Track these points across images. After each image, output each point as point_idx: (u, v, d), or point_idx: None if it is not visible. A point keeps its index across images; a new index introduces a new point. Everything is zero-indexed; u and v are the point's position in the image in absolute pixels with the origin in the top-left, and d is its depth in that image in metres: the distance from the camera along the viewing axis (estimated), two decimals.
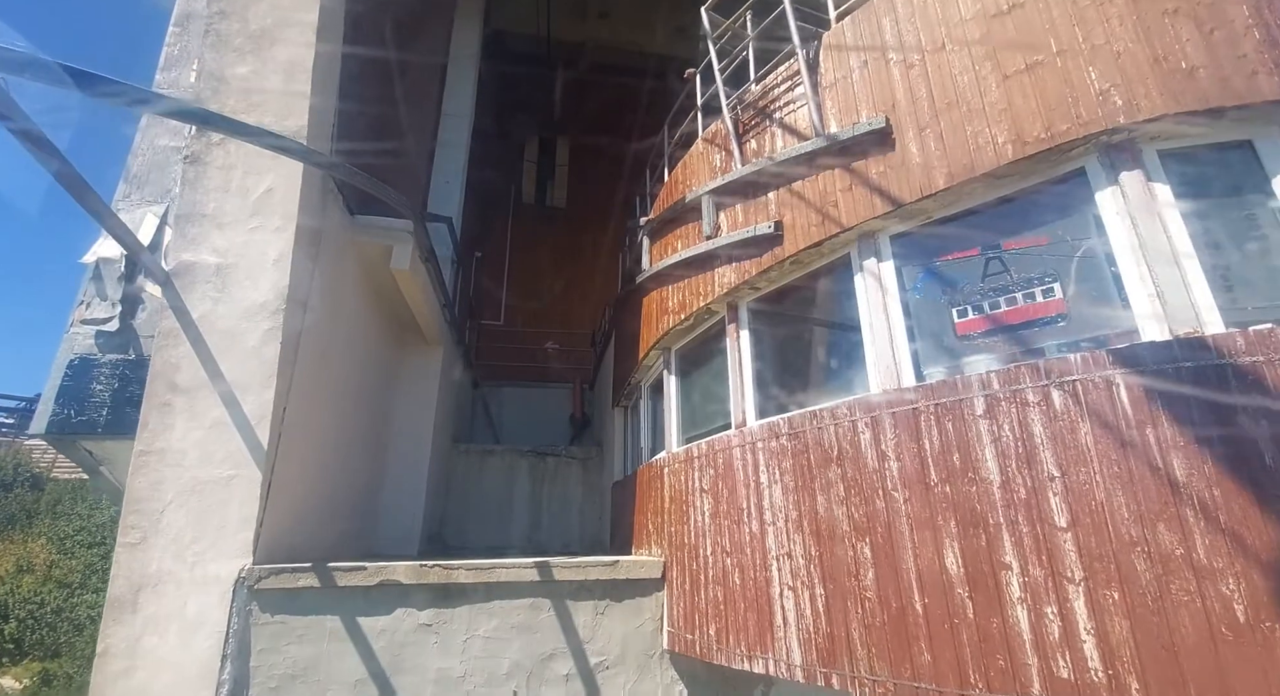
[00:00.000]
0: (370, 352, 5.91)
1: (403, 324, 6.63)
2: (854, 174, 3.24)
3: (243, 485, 3.78)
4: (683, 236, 4.74)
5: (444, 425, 7.56)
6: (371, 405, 6.06)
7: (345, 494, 5.35)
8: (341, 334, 5.03)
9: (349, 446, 5.40)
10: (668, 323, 4.80)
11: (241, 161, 4.16)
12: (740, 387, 3.89)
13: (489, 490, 8.04)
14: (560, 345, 12.18)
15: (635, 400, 6.62)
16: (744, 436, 3.58)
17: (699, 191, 4.35)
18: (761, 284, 3.87)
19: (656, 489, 4.66)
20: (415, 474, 6.71)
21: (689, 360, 4.87)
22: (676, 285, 4.72)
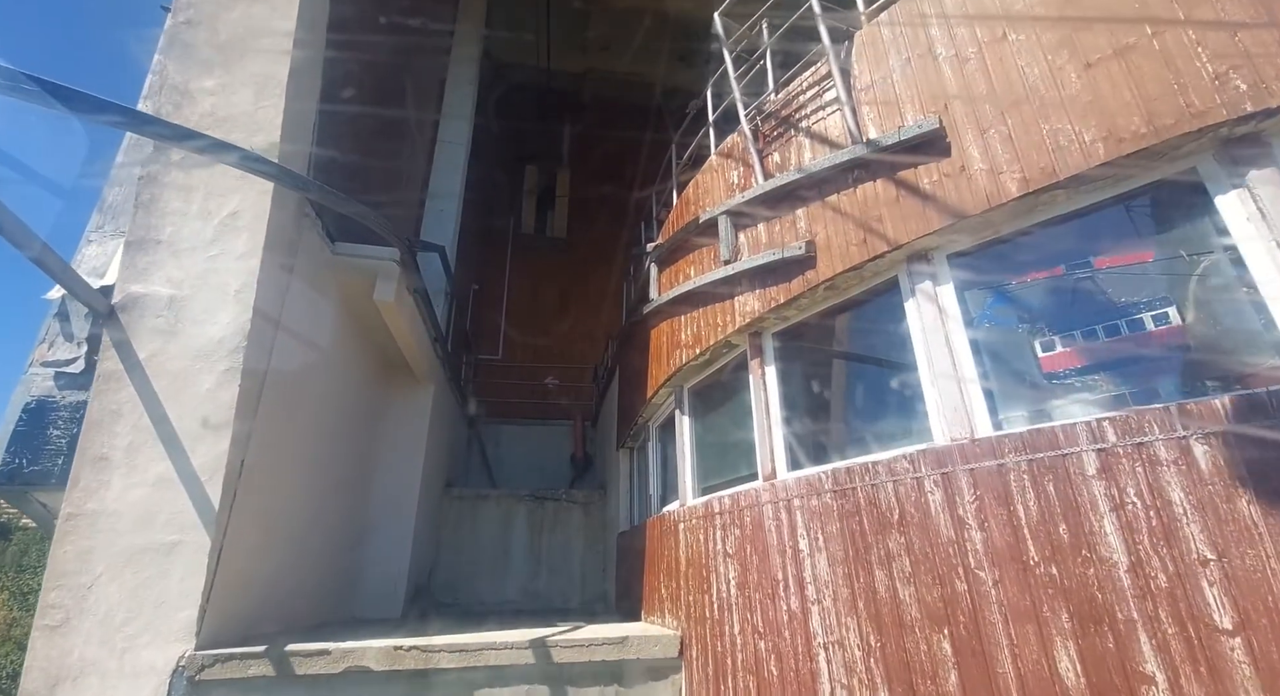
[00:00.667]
0: (352, 393, 5.40)
1: (389, 361, 6.14)
2: (901, 184, 2.78)
3: (188, 553, 3.23)
4: (696, 262, 4.28)
5: (434, 469, 6.99)
6: (353, 450, 5.52)
7: (318, 552, 4.77)
8: (317, 373, 4.53)
9: (324, 498, 4.84)
10: (680, 358, 4.30)
11: (204, 183, 3.73)
12: (767, 433, 3.36)
13: (483, 538, 7.41)
14: (560, 380, 11.67)
15: (643, 441, 6.07)
16: (776, 491, 3.04)
17: (714, 211, 3.91)
18: (790, 313, 3.39)
19: (670, 547, 4.08)
20: (401, 524, 6.11)
21: (705, 399, 4.36)
22: (690, 316, 4.24)
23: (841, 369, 3.30)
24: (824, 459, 3.09)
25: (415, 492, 6.25)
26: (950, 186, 2.60)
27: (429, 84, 8.71)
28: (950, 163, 2.64)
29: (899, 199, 2.78)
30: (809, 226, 3.20)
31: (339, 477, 5.19)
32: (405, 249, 4.77)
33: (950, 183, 2.61)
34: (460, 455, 8.90)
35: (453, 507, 7.47)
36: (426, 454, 6.49)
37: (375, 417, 6.08)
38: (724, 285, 3.81)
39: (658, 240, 5.10)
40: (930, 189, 2.67)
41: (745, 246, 3.68)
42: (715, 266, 3.95)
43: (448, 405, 7.62)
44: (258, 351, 3.62)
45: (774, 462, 3.29)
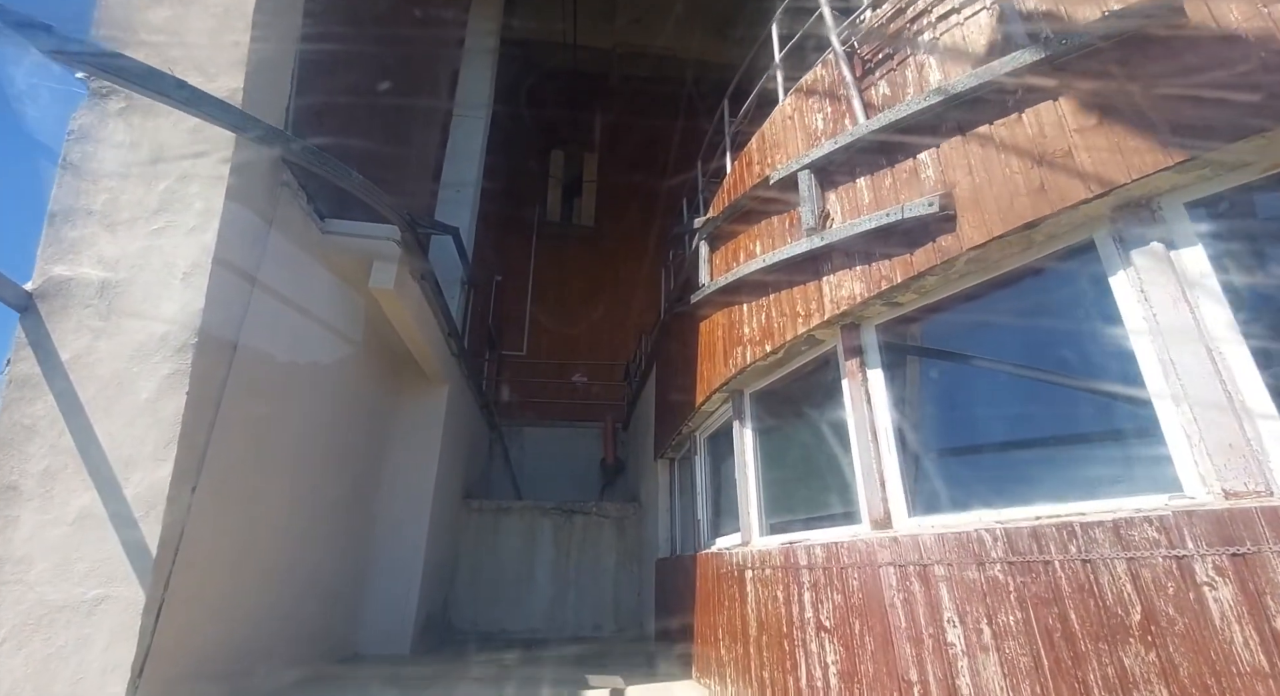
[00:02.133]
0: (351, 398, 4.66)
1: (397, 359, 5.40)
2: (1108, 99, 1.85)
3: (116, 612, 2.49)
4: (763, 236, 3.39)
5: (450, 479, 6.24)
6: (353, 464, 4.78)
7: (307, 586, 4.03)
8: (302, 375, 3.78)
9: (315, 523, 4.10)
10: (741, 356, 3.42)
11: (149, 138, 2.98)
12: (875, 459, 2.47)
13: (505, 556, 6.66)
14: (590, 378, 10.88)
15: (686, 452, 5.21)
16: (900, 549, 2.15)
17: (791, 167, 3.01)
18: (906, 297, 2.48)
19: (733, 599, 3.22)
20: (410, 546, 5.37)
21: (775, 409, 3.47)
22: (755, 305, 3.36)
23: (987, 375, 2.38)
24: (966, 501, 2.19)
25: (427, 509, 5.51)
26: (1208, 93, 1.67)
27: (443, 58, 7.94)
28: (1205, 51, 1.71)
29: (1102, 121, 1.85)
30: (941, 174, 2.29)
31: (336, 497, 4.45)
32: (407, 227, 3.99)
33: (1212, 91, 1.67)
34: (481, 462, 8.17)
35: (471, 522, 6.73)
36: (440, 463, 5.74)
37: (381, 425, 5.34)
38: (806, 263, 2.92)
39: (707, 213, 4.22)
40: (1167, 101, 1.74)
41: (838, 210, 2.78)
42: (792, 239, 3.06)
43: (466, 407, 6.87)
44: (214, 350, 2.86)
45: (887, 503, 2.39)
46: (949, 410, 2.45)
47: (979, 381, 2.37)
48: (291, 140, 3.07)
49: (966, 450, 2.35)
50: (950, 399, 2.44)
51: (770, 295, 3.20)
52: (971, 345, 2.44)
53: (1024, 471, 2.09)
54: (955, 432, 2.42)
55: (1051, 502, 1.86)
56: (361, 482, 4.98)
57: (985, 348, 2.37)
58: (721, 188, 4.14)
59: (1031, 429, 2.18)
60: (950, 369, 2.47)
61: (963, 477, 2.29)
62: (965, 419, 2.39)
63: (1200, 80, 1.69)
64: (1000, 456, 2.22)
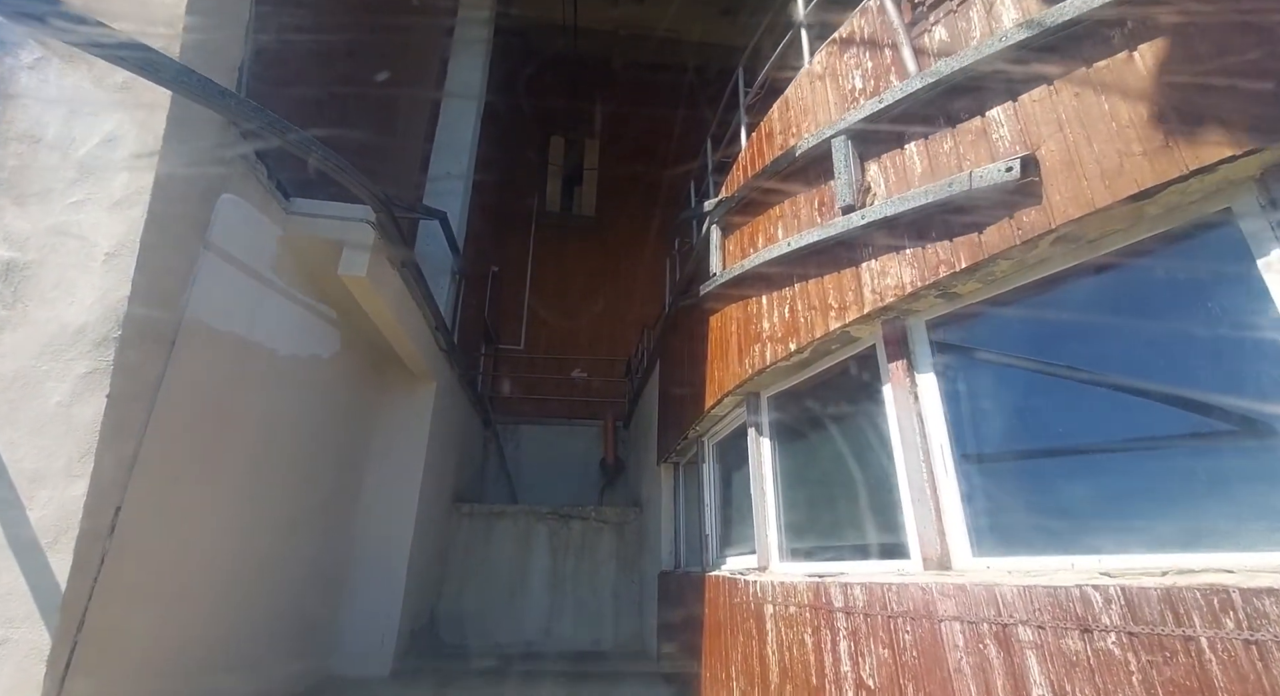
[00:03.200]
0: (326, 396, 4.23)
1: (380, 354, 4.97)
2: (1266, 17, 1.41)
3: (15, 658, 2.08)
4: (787, 217, 2.95)
5: (438, 483, 5.83)
6: (329, 469, 4.36)
7: (271, 609, 3.62)
8: (264, 372, 3.35)
9: (280, 539, 3.68)
10: (761, 355, 2.98)
11: (68, 95, 2.54)
12: (927, 481, 2.04)
13: (498, 564, 6.25)
14: (589, 374, 10.46)
15: (692, 457, 4.79)
16: (967, 600, 1.72)
17: (824, 134, 2.57)
18: (966, 286, 2.05)
19: (749, 635, 2.79)
20: (393, 557, 4.96)
21: (798, 415, 3.04)
22: (776, 296, 2.92)
23: (1072, 384, 1.94)
24: (1051, 540, 1.76)
25: (411, 516, 5.09)
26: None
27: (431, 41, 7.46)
28: None
29: (1258, 50, 1.41)
30: (1021, 132, 1.85)
31: (307, 506, 4.04)
32: (382, 208, 3.55)
33: None
34: (474, 462, 7.75)
35: (462, 528, 6.32)
36: (427, 466, 5.32)
37: (361, 426, 4.92)
38: (840, 247, 2.48)
39: (719, 194, 3.78)
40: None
41: (881, 183, 2.34)
42: (823, 219, 2.62)
43: (456, 405, 6.45)
44: (145, 345, 2.43)
45: (944, 537, 1.97)
46: (1023, 425, 2.01)
47: (1060, 391, 1.93)
48: (238, 100, 2.63)
49: (1048, 474, 1.92)
50: (1024, 412, 2.00)
51: (795, 285, 2.76)
52: (1047, 346, 2.00)
53: (1135, 507, 1.66)
54: (1032, 453, 1.98)
55: (1183, 551, 1.43)
56: (338, 489, 4.56)
57: (1066, 349, 1.94)
58: (735, 166, 3.69)
59: (1139, 456, 1.75)
60: (1022, 376, 2.03)
61: (1044, 508, 1.86)
62: (1044, 437, 1.96)
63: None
64: (1098, 484, 1.78)
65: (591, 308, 11.20)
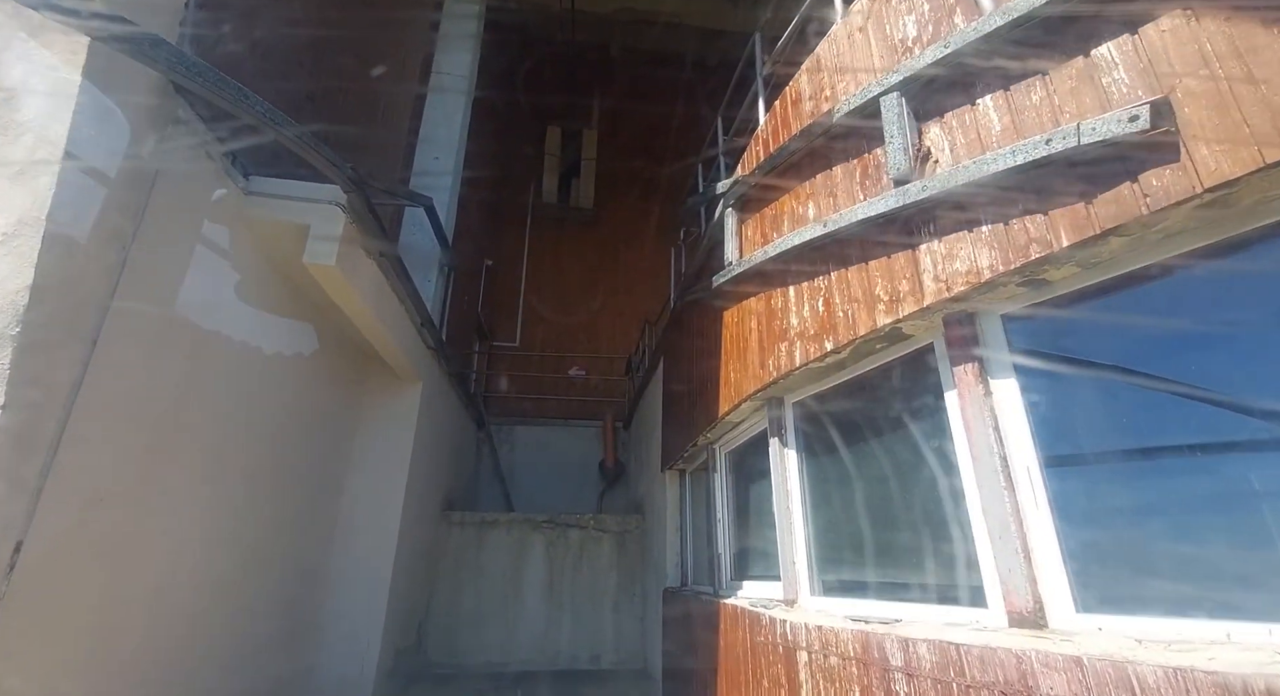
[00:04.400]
0: (297, 399, 3.82)
1: (360, 353, 4.56)
2: None
3: None
4: (820, 193, 2.53)
5: (425, 490, 5.42)
6: (300, 479, 3.95)
7: (229, 642, 3.21)
8: (214, 375, 2.93)
9: (245, 557, 3.27)
10: (788, 355, 2.58)
11: None
12: (1010, 513, 1.64)
13: (491, 576, 5.85)
14: (587, 372, 10.05)
15: (702, 464, 4.39)
16: (1087, 677, 1.31)
17: (870, 91, 2.16)
18: (1060, 271, 1.64)
19: (777, 684, 2.39)
20: (374, 572, 4.55)
21: (830, 424, 2.63)
22: (808, 286, 2.51)
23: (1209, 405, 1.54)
24: (1183, 601, 1.36)
25: (395, 528, 4.69)
26: None
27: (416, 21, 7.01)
28: None
29: None
30: (1146, 73, 1.44)
31: (275, 520, 3.62)
32: (354, 188, 3.12)
33: None
34: (467, 466, 7.34)
35: (452, 537, 5.91)
36: (412, 474, 4.92)
37: (338, 431, 4.50)
38: (890, 226, 2.07)
39: (736, 173, 3.36)
40: None
41: (946, 146, 1.93)
42: (867, 194, 2.21)
43: (446, 407, 6.04)
44: (53, 345, 2.02)
45: (1035, 586, 1.57)
46: (1140, 448, 1.61)
47: (1193, 410, 1.53)
48: (171, 50, 2.20)
49: (1170, 513, 1.51)
50: (1142, 430, 1.60)
51: (831, 273, 2.35)
52: (1165, 349, 1.60)
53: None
54: (1149, 481, 1.58)
55: None
56: (313, 501, 4.15)
57: (1195, 355, 1.53)
58: (753, 140, 3.28)
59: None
60: (1135, 388, 1.63)
61: (1168, 557, 1.45)
62: (1170, 465, 1.55)
63: None
64: (1240, 528, 1.38)
65: (590, 303, 10.79)
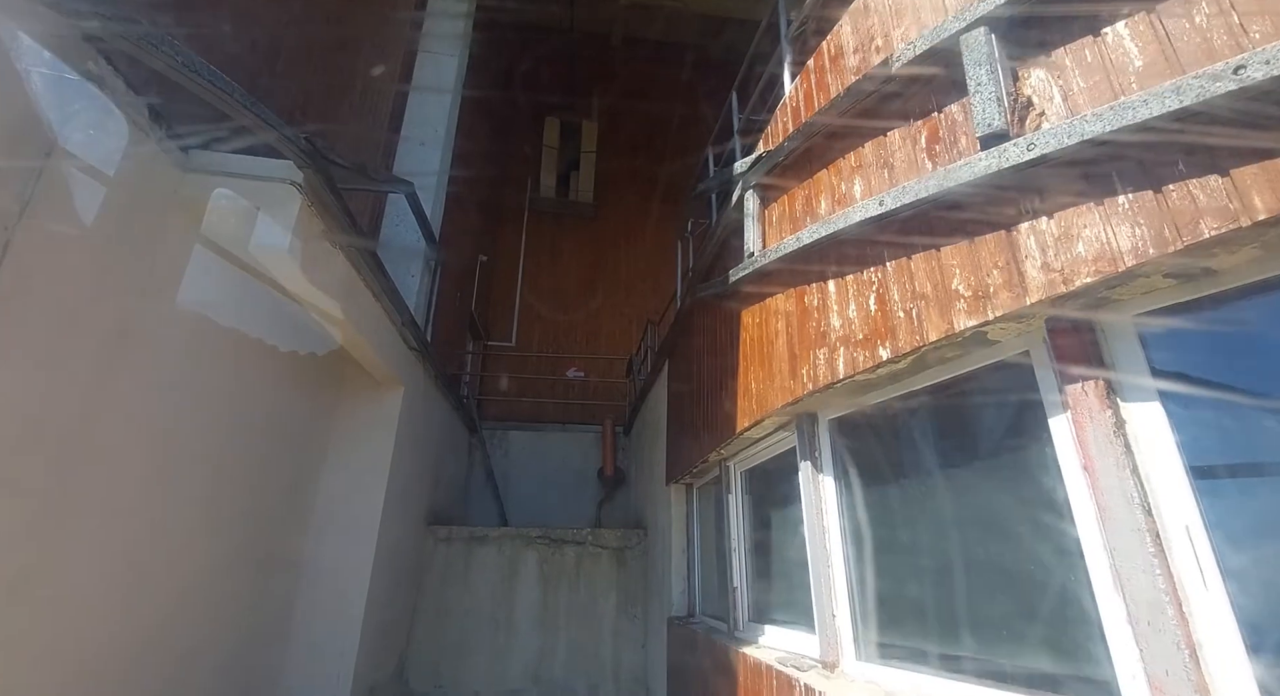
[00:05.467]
0: (257, 404, 3.36)
1: (335, 355, 4.09)
2: None
3: None
4: (870, 166, 2.07)
5: (407, 505, 4.97)
6: (262, 494, 3.49)
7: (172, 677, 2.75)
8: (146, 380, 2.47)
9: (195, 585, 2.81)
10: (828, 363, 2.12)
11: None
12: (1168, 598, 1.18)
13: (479, 598, 5.40)
14: (586, 373, 9.60)
15: (714, 481, 3.93)
16: None
17: (946, 30, 1.69)
18: (1230, 256, 1.18)
19: None
20: (348, 597, 4.09)
21: (879, 447, 2.17)
22: (855, 280, 2.05)
23: None
24: None
25: (371, 546, 4.23)
26: None
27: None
28: None
29: None
30: None
31: (231, 544, 3.16)
32: (309, 163, 2.65)
33: None
34: (455, 475, 6.88)
35: (437, 555, 5.45)
36: (391, 486, 4.46)
37: (307, 439, 4.04)
38: (975, 202, 1.61)
39: (758, 151, 2.90)
40: None
41: (1055, 95, 1.47)
42: (939, 162, 1.75)
43: (433, 412, 5.58)
44: None
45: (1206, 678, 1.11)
46: None
47: None
48: None
49: None
50: None
51: (888, 264, 1.89)
52: None
53: None
54: None
55: None
56: (277, 518, 3.69)
57: None
58: (779, 112, 2.81)
59: None
60: None
61: None
62: None
63: None
64: None
65: (589, 302, 10.33)
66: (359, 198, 4.74)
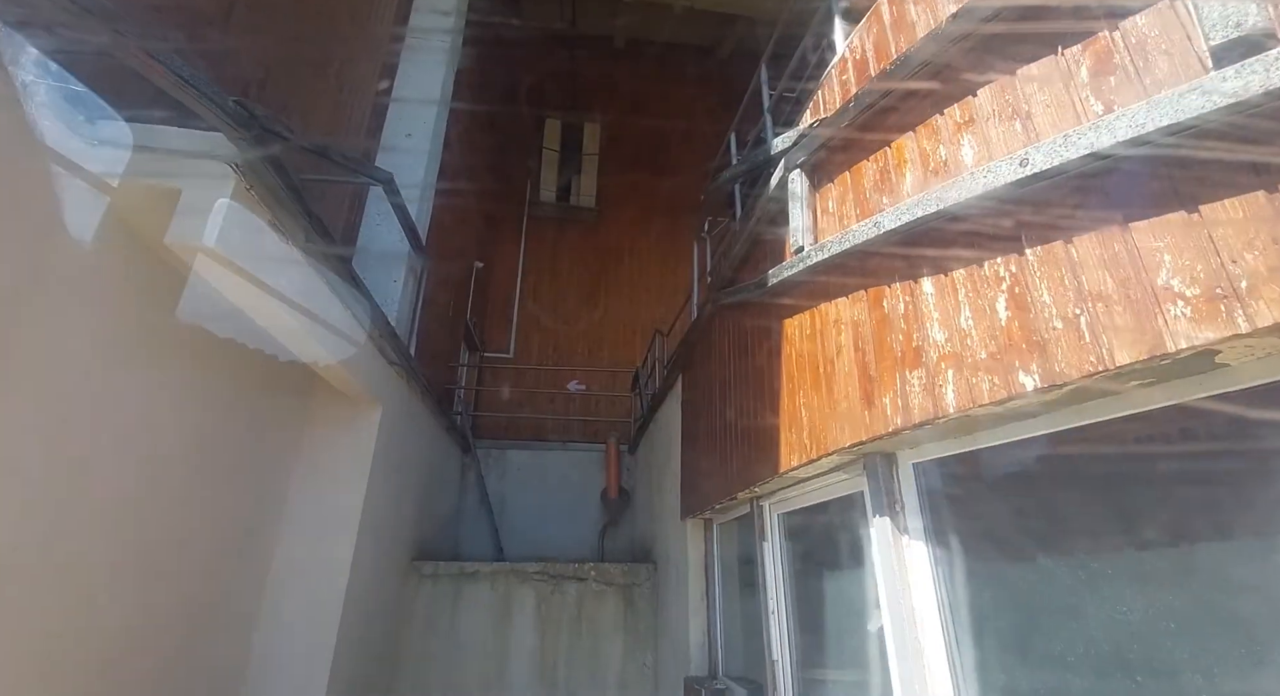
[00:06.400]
0: (201, 429, 2.78)
1: (300, 369, 3.53)
2: None
3: None
4: (992, 119, 1.51)
5: (385, 537, 4.37)
6: (214, 533, 2.91)
7: None
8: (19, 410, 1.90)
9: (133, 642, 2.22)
10: (924, 391, 1.55)
11: None
12: None
13: (468, 645, 4.79)
14: (588, 387, 9.02)
15: (741, 518, 3.35)
16: None
17: None
18: None
19: None
20: (313, 649, 3.50)
21: (995, 509, 1.60)
22: (967, 277, 1.49)
23: None
24: None
25: (340, 590, 3.63)
26: None
27: None
28: None
29: None
30: None
31: (165, 605, 2.58)
32: (242, 132, 2.10)
33: None
34: (446, 501, 6.28)
35: (422, 594, 4.85)
36: (365, 523, 3.86)
37: (266, 470, 3.46)
38: (1195, 158, 1.05)
39: (802, 123, 2.34)
40: None
41: None
42: (1125, 98, 1.20)
43: (418, 433, 5.00)
44: None
45: None
46: None
47: None
48: None
49: None
50: None
51: (1027, 251, 1.33)
52: None
53: None
54: None
55: None
56: (225, 568, 3.10)
57: None
58: (835, 71, 2.26)
59: None
60: None
61: None
62: None
63: None
64: None
65: (592, 311, 9.77)
66: (333, 194, 4.21)
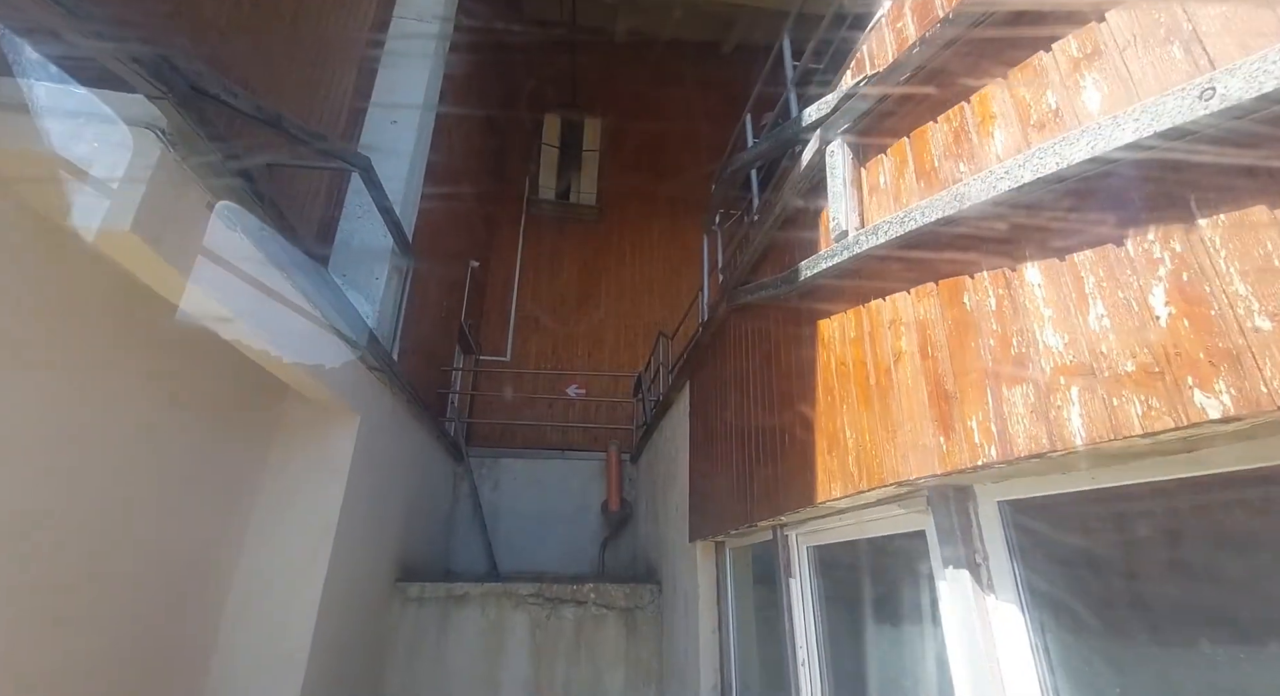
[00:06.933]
0: (150, 444, 2.40)
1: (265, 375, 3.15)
2: None
3: None
4: (1126, 67, 1.14)
5: (363, 559, 3.99)
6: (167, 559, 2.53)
7: None
8: None
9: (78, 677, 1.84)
10: (1032, 414, 1.17)
11: None
12: None
13: (456, 676, 4.39)
14: (588, 392, 8.64)
15: (760, 545, 2.96)
16: None
17: None
18: None
19: None
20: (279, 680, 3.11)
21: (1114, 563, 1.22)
22: (1088, 260, 1.11)
23: None
24: None
25: (310, 619, 3.23)
26: None
27: None
28: None
29: None
30: None
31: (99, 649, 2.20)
32: (168, 91, 1.73)
33: None
34: (435, 515, 5.89)
35: (406, 619, 4.46)
36: (340, 547, 3.48)
37: (223, 495, 3.08)
38: None
39: (840, 85, 1.97)
40: None
41: None
42: None
43: (401, 444, 4.62)
44: None
45: None
46: None
47: None
48: None
49: None
50: None
51: (1199, 220, 0.95)
52: None
53: None
54: None
55: None
56: (182, 586, 2.72)
57: None
58: (880, 23, 1.89)
59: None
60: None
61: None
62: None
63: None
64: None
65: (592, 312, 9.39)
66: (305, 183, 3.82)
